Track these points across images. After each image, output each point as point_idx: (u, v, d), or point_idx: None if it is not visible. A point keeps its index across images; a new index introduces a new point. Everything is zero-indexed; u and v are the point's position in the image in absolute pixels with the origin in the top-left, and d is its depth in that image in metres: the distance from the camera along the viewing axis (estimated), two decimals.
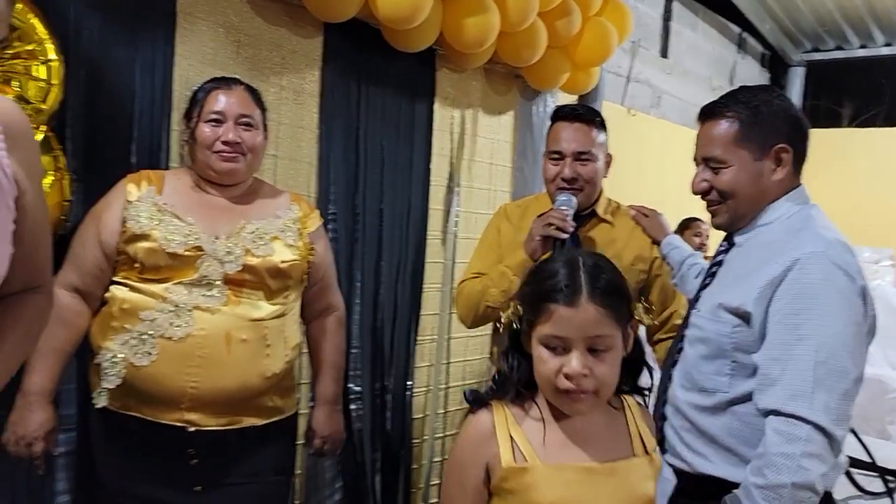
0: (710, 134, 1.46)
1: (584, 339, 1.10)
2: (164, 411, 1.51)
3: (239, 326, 1.54)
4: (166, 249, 1.51)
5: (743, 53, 5.30)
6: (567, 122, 1.90)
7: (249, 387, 1.56)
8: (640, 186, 3.98)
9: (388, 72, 2.47)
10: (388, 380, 2.57)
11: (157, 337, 1.49)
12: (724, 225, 1.50)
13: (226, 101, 1.62)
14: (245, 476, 1.60)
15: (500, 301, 1.79)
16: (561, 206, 1.81)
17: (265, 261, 1.59)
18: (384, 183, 2.50)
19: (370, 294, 2.49)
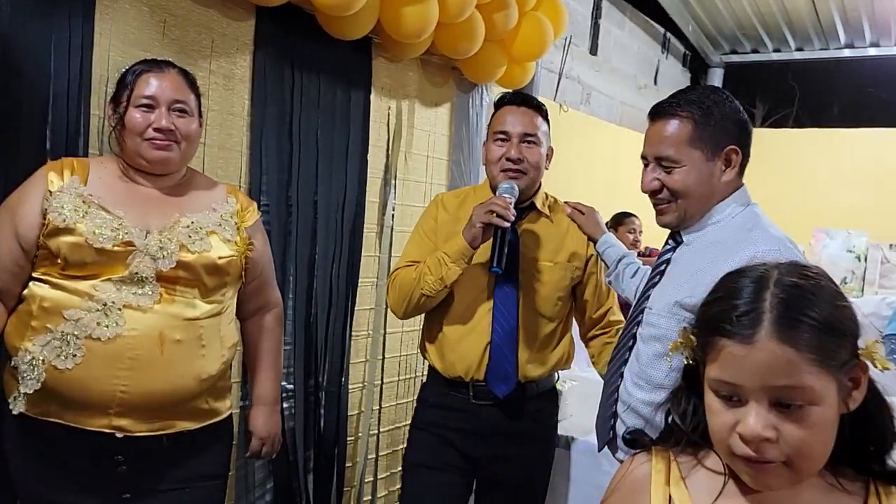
0: (662, 133, 1.46)
1: (765, 390, 0.79)
2: (91, 417, 1.40)
3: (173, 326, 1.45)
4: (93, 244, 1.39)
5: (666, 53, 5.45)
6: (514, 105, 1.90)
7: (183, 390, 1.47)
8: (571, 181, 4.03)
9: (323, 59, 2.39)
10: (321, 377, 2.50)
11: (83, 338, 1.38)
12: (672, 224, 1.51)
13: (158, 85, 1.51)
14: (177, 482, 1.52)
15: (435, 290, 1.78)
16: (503, 193, 1.78)
17: (201, 257, 1.50)
18: (319, 174, 2.42)
19: (303, 288, 2.41)
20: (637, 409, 1.46)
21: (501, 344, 1.83)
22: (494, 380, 1.83)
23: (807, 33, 5.12)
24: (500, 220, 1.70)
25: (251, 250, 1.64)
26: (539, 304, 1.87)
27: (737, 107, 1.48)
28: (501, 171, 1.85)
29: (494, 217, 1.70)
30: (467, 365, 1.84)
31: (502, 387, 1.83)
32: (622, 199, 4.48)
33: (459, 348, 1.86)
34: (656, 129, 1.47)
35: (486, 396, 1.85)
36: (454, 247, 1.76)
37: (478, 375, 1.84)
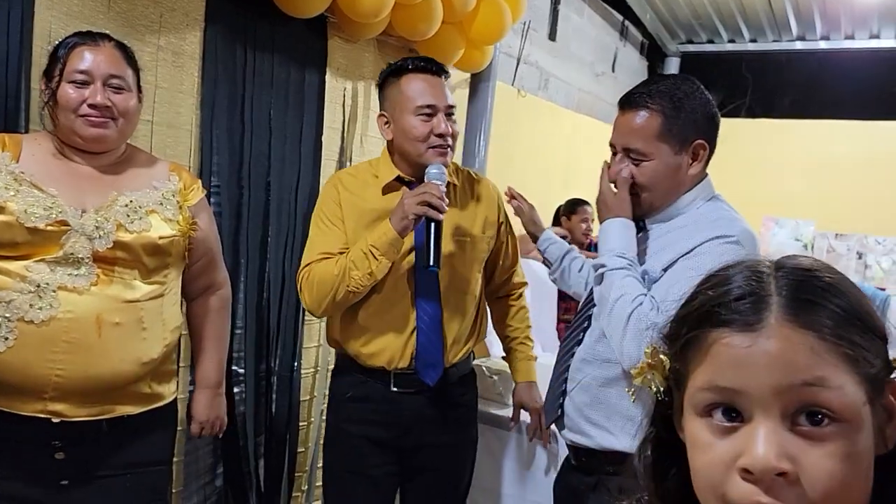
0: (631, 124, 1.45)
1: (778, 395, 0.56)
2: (25, 402, 1.36)
3: (111, 308, 1.41)
4: (25, 224, 1.34)
5: (625, 41, 5.49)
6: (430, 74, 1.74)
7: (123, 373, 1.44)
8: (528, 167, 4.05)
9: (277, 37, 2.34)
10: (273, 361, 2.47)
11: (16, 320, 1.33)
12: (639, 216, 1.51)
13: (92, 58, 1.44)
14: (118, 468, 1.48)
15: (363, 285, 1.65)
16: (434, 179, 1.66)
17: (140, 237, 1.46)
18: (272, 155, 2.37)
19: (255, 272, 2.37)
20: (585, 385, 1.49)
21: (428, 329, 1.74)
22: (424, 368, 1.75)
23: (761, 25, 5.21)
24: (435, 213, 1.60)
25: (195, 230, 1.59)
26: (460, 281, 1.79)
27: (707, 99, 1.47)
28: (430, 147, 1.70)
29: (429, 209, 1.60)
30: (391, 354, 1.74)
31: (431, 374, 1.75)
32: (578, 185, 4.52)
33: (382, 338, 1.75)
34: (626, 120, 1.46)
35: (409, 385, 1.76)
36: (383, 238, 1.63)
37: (402, 364, 1.74)
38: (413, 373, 1.75)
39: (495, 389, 2.14)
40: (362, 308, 1.74)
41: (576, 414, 1.50)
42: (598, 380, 1.46)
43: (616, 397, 1.44)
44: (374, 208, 1.74)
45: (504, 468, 2.06)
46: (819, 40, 5.24)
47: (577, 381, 1.51)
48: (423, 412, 1.78)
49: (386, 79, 1.77)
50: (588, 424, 1.47)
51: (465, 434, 1.89)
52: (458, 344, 1.80)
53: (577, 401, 1.50)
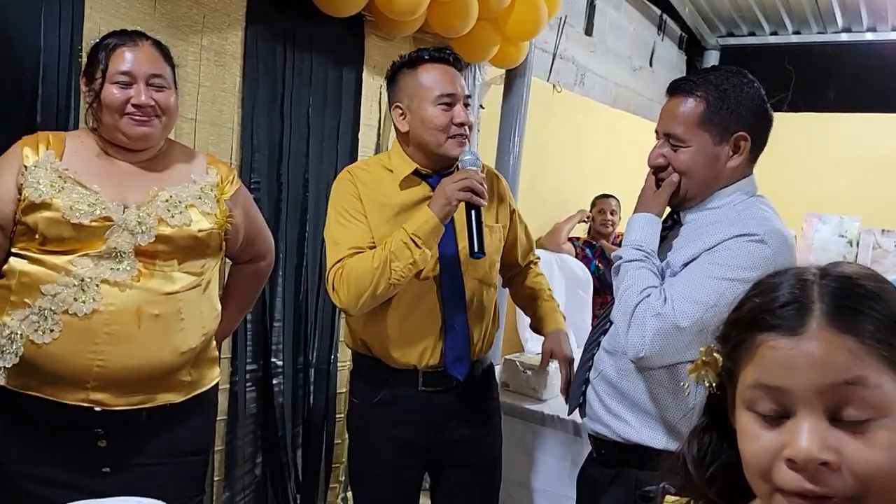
0: (675, 110, 1.45)
1: (819, 393, 0.61)
2: (68, 391, 1.41)
3: (151, 301, 1.45)
4: (70, 220, 1.39)
5: (662, 35, 5.43)
6: (447, 64, 1.71)
7: (162, 363, 1.48)
8: (563, 163, 4.04)
9: (315, 36, 2.38)
10: (311, 354, 2.52)
11: (60, 313, 1.39)
12: (673, 204, 1.51)
13: (134, 59, 1.48)
14: (158, 456, 1.53)
15: (405, 276, 1.61)
16: (471, 166, 1.65)
17: (181, 230, 1.50)
18: (310, 152, 2.42)
19: (293, 266, 2.43)
20: (607, 375, 1.49)
21: (455, 324, 1.72)
22: (452, 363, 1.72)
23: (804, 17, 5.10)
24: (478, 199, 1.60)
25: (230, 223, 1.62)
26: (481, 272, 1.77)
27: (757, 93, 1.45)
28: (450, 137, 1.68)
29: (473, 195, 1.59)
30: (420, 352, 1.72)
31: (460, 368, 1.73)
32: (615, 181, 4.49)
33: (413, 335, 1.72)
34: (670, 106, 1.46)
35: (437, 383, 1.74)
36: (425, 226, 1.59)
37: (432, 361, 1.72)
38: (442, 370, 1.73)
39: (529, 385, 2.14)
40: (390, 306, 1.71)
41: (597, 403, 1.50)
42: (619, 370, 1.46)
43: (634, 389, 1.44)
44: (394, 203, 1.71)
45: (537, 462, 2.08)
46: (865, 32, 5.10)
47: (599, 371, 1.51)
48: (451, 409, 1.77)
49: (399, 70, 1.75)
50: (608, 415, 1.48)
51: (491, 425, 1.88)
52: (483, 336, 1.80)
53: (599, 390, 1.50)
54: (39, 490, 1.43)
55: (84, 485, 1.43)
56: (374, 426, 1.79)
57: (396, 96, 1.75)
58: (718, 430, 0.73)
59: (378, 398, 1.77)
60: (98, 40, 1.52)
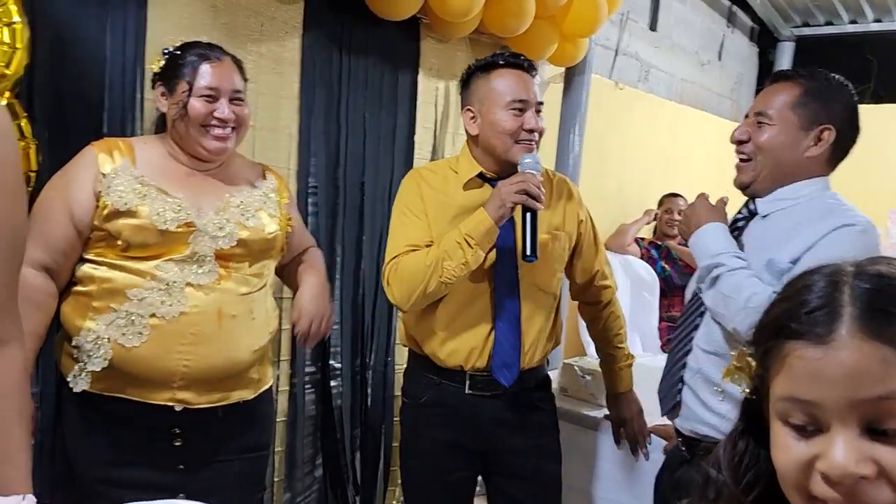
0: (770, 90, 1.50)
1: (853, 406, 0.57)
2: (155, 391, 1.46)
3: (229, 302, 1.51)
4: (157, 226, 1.44)
5: (732, 27, 5.24)
6: (523, 71, 1.72)
7: (238, 362, 1.53)
8: (626, 161, 3.94)
9: (371, 41, 2.39)
10: (368, 356, 2.53)
11: (148, 316, 1.44)
12: (745, 183, 1.52)
13: (218, 74, 1.53)
14: (228, 453, 1.57)
15: (457, 275, 1.61)
16: (530, 169, 1.64)
17: (255, 233, 1.56)
18: (366, 156, 2.44)
19: (351, 269, 2.45)
20: (706, 373, 1.46)
21: (506, 328, 1.71)
22: (499, 367, 1.70)
23: (886, 3, 4.83)
24: (534, 202, 1.58)
25: (290, 226, 1.69)
26: (540, 279, 1.75)
27: (853, 101, 1.49)
28: (517, 142, 1.68)
29: (528, 198, 1.58)
30: (468, 353, 1.71)
31: (507, 374, 1.70)
32: (680, 179, 4.35)
33: (460, 336, 1.71)
34: (769, 90, 1.50)
35: (485, 387, 1.72)
36: (479, 227, 1.60)
37: (479, 363, 1.71)
38: (488, 374, 1.71)
39: (588, 390, 2.09)
40: (441, 304, 1.72)
41: (695, 403, 1.48)
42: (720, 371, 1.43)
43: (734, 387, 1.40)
44: (455, 204, 1.72)
45: (597, 469, 2.02)
46: None
47: (696, 370, 1.49)
48: (499, 416, 1.74)
49: (473, 74, 1.76)
50: (708, 412, 1.45)
51: (547, 438, 1.83)
52: (535, 345, 1.76)
53: (697, 390, 1.48)
54: (113, 492, 1.45)
55: (159, 483, 1.48)
56: (422, 426, 1.80)
57: (468, 99, 1.76)
58: (755, 434, 0.69)
59: (425, 398, 1.79)
60: (174, 51, 1.55)
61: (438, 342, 1.74)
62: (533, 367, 1.78)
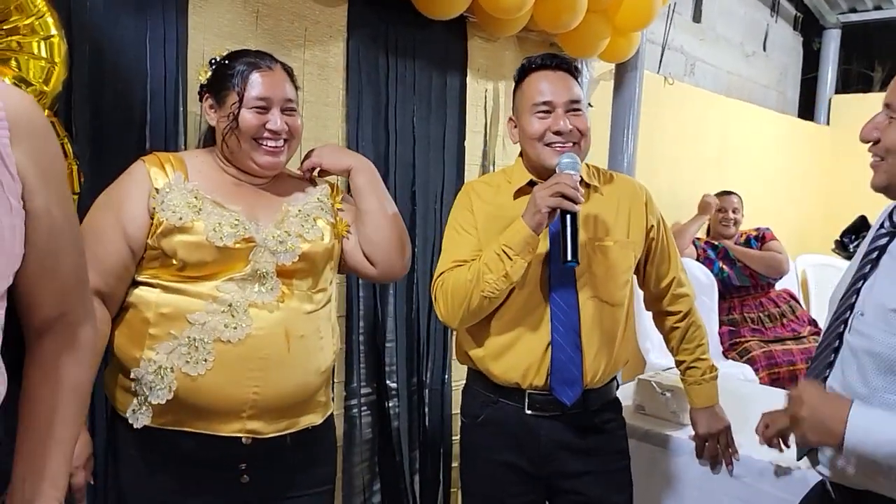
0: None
1: None
2: (225, 422, 1.34)
3: (296, 321, 1.38)
4: (214, 243, 1.32)
5: (776, 16, 5.04)
6: (549, 70, 1.62)
7: (308, 385, 1.41)
8: (679, 158, 3.78)
9: (418, 42, 2.28)
10: (425, 374, 2.41)
11: (212, 341, 1.31)
12: (879, 185, 1.27)
13: (270, 84, 1.41)
14: (298, 488, 1.45)
15: (499, 289, 1.53)
16: (567, 169, 1.52)
17: (317, 244, 1.43)
18: (416, 163, 2.32)
19: (404, 283, 2.33)
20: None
21: (564, 342, 1.60)
22: (560, 385, 1.59)
23: None
24: (570, 204, 1.47)
25: (348, 233, 1.54)
26: (601, 290, 1.63)
27: None
28: (546, 145, 1.59)
29: (564, 200, 1.47)
30: (524, 369, 1.61)
31: (568, 392, 1.59)
32: (732, 174, 4.18)
33: (516, 351, 1.62)
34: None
35: (545, 407, 1.61)
36: (516, 237, 1.52)
37: (538, 381, 1.60)
38: (548, 392, 1.60)
39: (668, 408, 1.93)
40: (494, 318, 1.63)
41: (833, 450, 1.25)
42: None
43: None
44: (505, 214, 1.63)
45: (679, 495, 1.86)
46: None
47: None
48: (562, 439, 1.62)
49: (515, 85, 1.70)
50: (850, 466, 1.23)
51: (615, 465, 1.69)
52: (598, 361, 1.62)
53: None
54: None
55: None
56: (480, 447, 1.69)
57: (512, 109, 1.71)
58: None
59: (482, 417, 1.68)
60: (221, 60, 1.44)
61: (492, 358, 1.64)
62: (598, 386, 1.64)
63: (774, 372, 3.18)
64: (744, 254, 3.53)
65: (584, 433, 1.64)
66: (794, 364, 3.19)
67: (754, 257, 3.50)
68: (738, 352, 3.33)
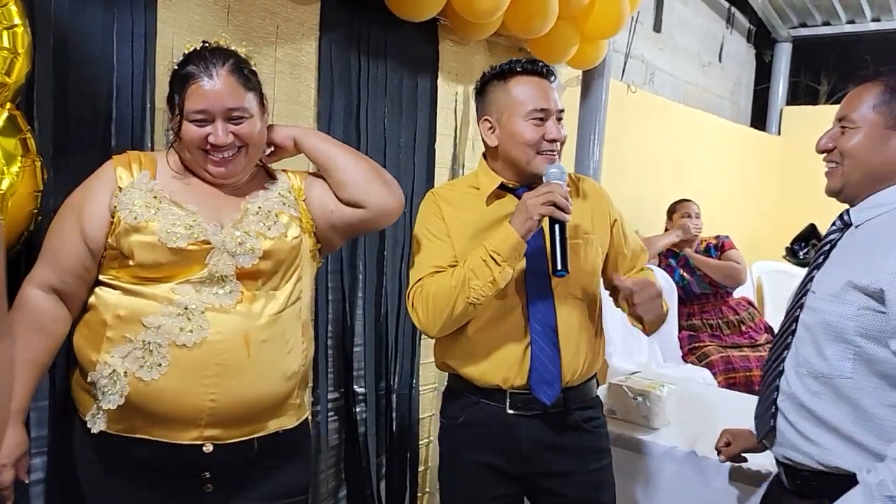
0: (853, 95, 1.40)
1: None
2: (181, 430, 1.29)
3: (257, 325, 1.33)
4: (167, 244, 1.28)
5: (731, 29, 5.18)
6: (542, 77, 1.62)
7: (272, 392, 1.36)
8: (641, 166, 3.84)
9: (390, 43, 2.25)
10: (392, 378, 2.38)
11: (167, 345, 1.27)
12: (835, 190, 1.43)
13: (209, 95, 1.32)
14: (266, 499, 1.40)
15: (485, 295, 1.51)
16: (556, 180, 1.54)
17: (279, 242, 1.37)
18: (387, 165, 2.28)
19: (373, 287, 2.30)
20: (800, 398, 1.36)
21: (543, 342, 1.60)
22: (538, 384, 1.59)
23: (885, 2, 4.80)
24: (561, 213, 1.48)
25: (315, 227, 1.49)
26: (575, 287, 1.64)
27: None
28: (538, 153, 1.59)
29: (555, 209, 1.48)
30: (505, 371, 1.61)
31: (547, 391, 1.59)
32: (691, 182, 4.27)
33: (495, 353, 1.61)
34: (854, 94, 1.41)
35: (527, 406, 1.61)
36: (505, 243, 1.50)
37: (518, 381, 1.60)
38: (528, 392, 1.61)
39: (640, 412, 1.95)
40: (471, 322, 1.61)
41: (789, 430, 1.37)
42: (814, 394, 1.34)
43: (833, 415, 1.30)
44: (480, 219, 1.62)
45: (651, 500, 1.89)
46: None
47: (788, 395, 1.38)
48: (543, 438, 1.62)
49: (489, 82, 1.67)
50: (803, 440, 1.34)
51: (597, 464, 1.69)
52: (577, 359, 1.63)
53: (791, 417, 1.37)
54: None
55: None
56: (460, 447, 1.68)
57: (486, 109, 1.66)
58: None
59: (463, 418, 1.67)
60: (177, 63, 1.38)
61: (472, 363, 1.63)
62: (577, 383, 1.65)
63: (731, 377, 3.25)
64: (703, 263, 3.58)
65: (565, 432, 1.64)
66: (749, 370, 3.27)
67: (713, 266, 3.55)
68: (697, 356, 3.40)
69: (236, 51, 1.40)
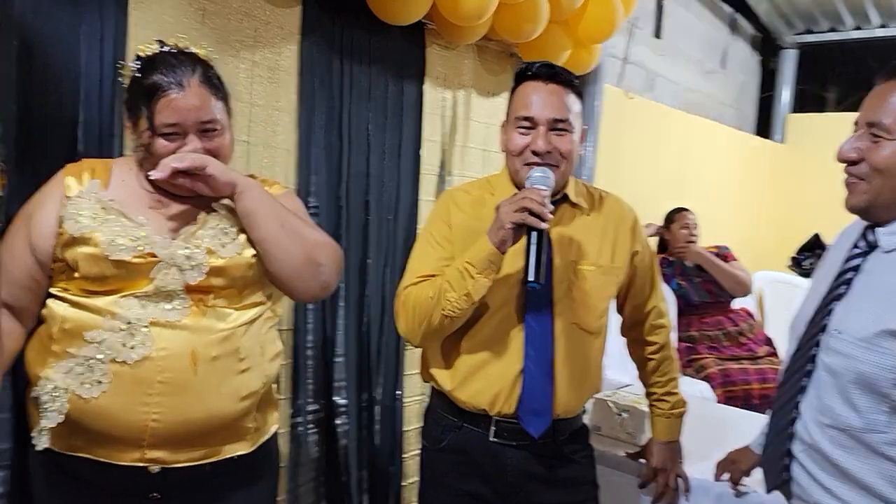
0: (884, 95, 1.18)
1: None
2: (121, 450, 1.23)
3: (206, 342, 1.26)
4: (110, 256, 1.22)
5: (735, 35, 5.11)
6: (540, 82, 1.51)
7: (224, 413, 1.29)
8: (639, 173, 3.78)
9: (374, 47, 2.21)
10: (375, 390, 2.33)
11: (108, 361, 1.21)
12: (859, 208, 1.23)
13: (181, 108, 1.27)
14: None
15: (459, 308, 1.43)
16: (536, 184, 1.43)
17: (233, 260, 1.31)
18: (370, 172, 2.24)
19: (355, 296, 2.24)
20: (822, 449, 1.21)
21: (536, 371, 1.50)
22: (528, 415, 1.51)
23: (892, 7, 4.72)
24: (535, 220, 1.36)
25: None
26: (580, 317, 1.54)
27: None
28: (525, 164, 1.50)
29: (528, 216, 1.37)
30: (493, 396, 1.51)
31: (536, 423, 1.51)
32: (691, 190, 4.20)
33: (485, 376, 1.52)
34: (880, 91, 1.19)
35: (512, 436, 1.53)
36: (479, 253, 1.42)
37: (506, 409, 1.51)
38: (517, 421, 1.51)
39: (624, 429, 1.88)
40: (465, 338, 1.53)
41: (808, 481, 1.24)
42: (839, 447, 1.20)
43: (861, 470, 1.17)
44: (484, 227, 1.49)
45: None
46: None
47: (807, 444, 1.25)
48: (528, 469, 1.54)
49: (514, 87, 1.59)
50: (826, 495, 1.21)
51: (583, 496, 1.62)
52: (570, 393, 1.54)
53: (810, 467, 1.24)
54: None
55: None
56: (441, 474, 1.60)
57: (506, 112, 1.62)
58: None
59: (445, 442, 1.59)
60: (139, 65, 1.30)
61: (459, 381, 1.54)
62: (567, 417, 1.56)
63: (730, 390, 3.17)
64: (715, 266, 3.47)
65: (552, 463, 1.56)
66: (748, 384, 3.19)
67: (724, 271, 3.43)
68: (695, 368, 3.32)
69: (197, 53, 1.35)
